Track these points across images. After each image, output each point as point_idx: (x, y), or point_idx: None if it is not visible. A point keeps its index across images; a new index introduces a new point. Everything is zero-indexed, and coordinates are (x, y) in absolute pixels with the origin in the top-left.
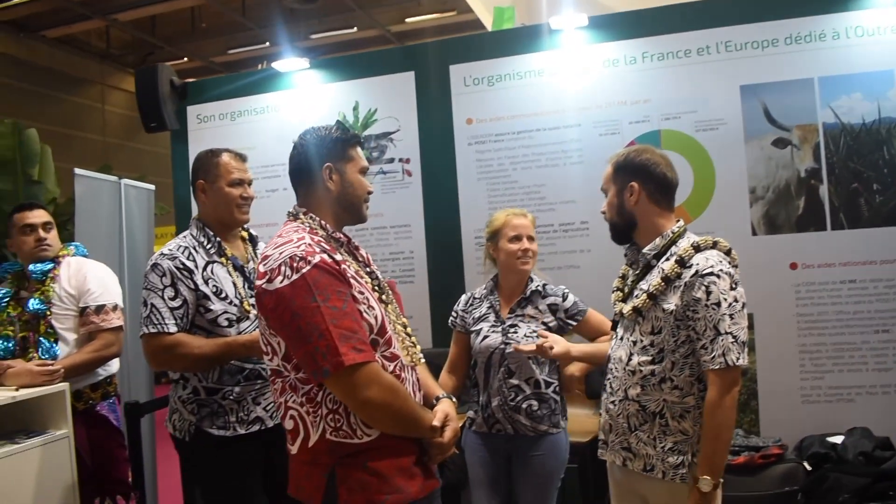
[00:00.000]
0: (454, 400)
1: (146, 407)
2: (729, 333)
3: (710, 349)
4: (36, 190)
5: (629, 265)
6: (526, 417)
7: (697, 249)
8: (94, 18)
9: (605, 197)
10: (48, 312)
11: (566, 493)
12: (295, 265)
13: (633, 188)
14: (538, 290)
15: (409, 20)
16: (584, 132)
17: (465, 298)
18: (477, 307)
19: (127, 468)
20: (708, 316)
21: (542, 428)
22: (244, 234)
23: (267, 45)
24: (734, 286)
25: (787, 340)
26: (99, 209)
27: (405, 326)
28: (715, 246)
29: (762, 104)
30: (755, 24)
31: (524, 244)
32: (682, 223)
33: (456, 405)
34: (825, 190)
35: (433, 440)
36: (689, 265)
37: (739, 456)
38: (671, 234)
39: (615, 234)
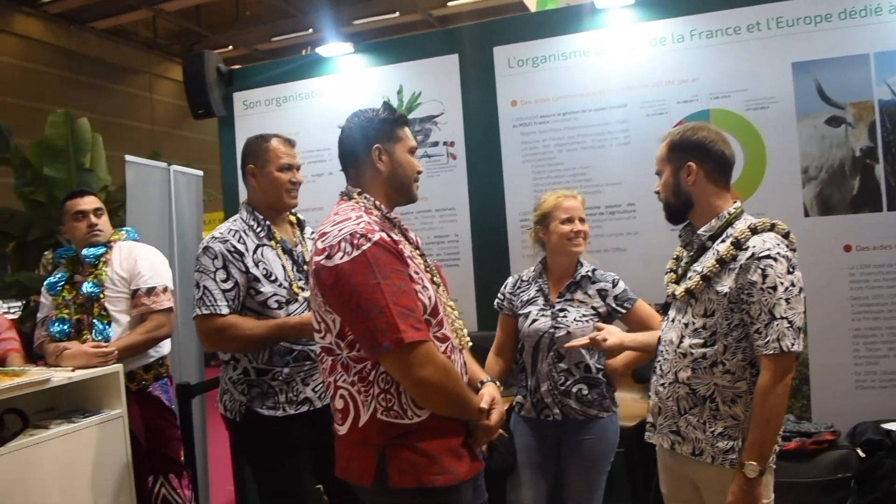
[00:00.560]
0: (498, 384)
1: (197, 388)
2: (784, 318)
3: (764, 334)
4: (88, 177)
5: (683, 246)
6: (576, 402)
7: (754, 231)
8: (140, 9)
9: (657, 178)
10: (101, 295)
11: (613, 477)
12: (355, 242)
13: (690, 168)
14: (588, 274)
15: (450, 3)
16: (630, 113)
17: (512, 281)
18: (525, 290)
19: (179, 447)
20: (763, 300)
21: (591, 412)
22: (292, 218)
23: (310, 31)
24: (791, 270)
25: (840, 324)
26: (149, 195)
27: (453, 309)
28: (772, 228)
29: (815, 81)
30: None
31: (576, 226)
32: (738, 204)
33: (500, 389)
34: (881, 169)
35: (480, 422)
36: (745, 247)
37: (791, 442)
38: (727, 215)
39: (670, 214)
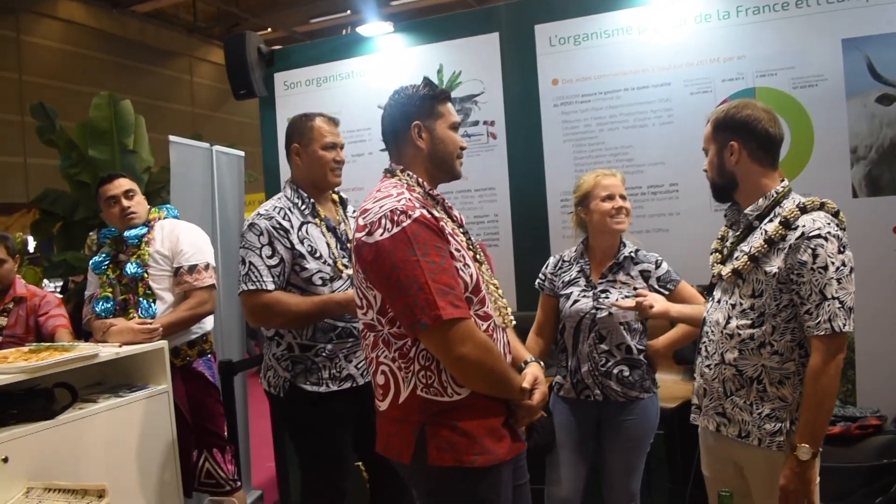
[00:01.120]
0: (542, 364)
1: (239, 365)
2: (836, 298)
3: (814, 314)
4: (131, 159)
5: (729, 226)
6: (617, 383)
7: (804, 210)
8: None
9: (705, 156)
10: (145, 275)
11: (652, 459)
12: (396, 218)
13: (733, 147)
14: (630, 255)
15: None
16: (673, 91)
17: (553, 261)
18: (567, 270)
19: (223, 422)
20: (814, 280)
21: (632, 394)
22: (335, 196)
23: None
24: (842, 249)
25: (887, 308)
26: (192, 175)
27: (497, 288)
28: (822, 207)
29: (866, 58)
30: None
31: (617, 202)
32: (786, 183)
33: (544, 370)
34: None
35: (521, 402)
36: (794, 227)
37: (835, 426)
38: (775, 194)
39: (715, 193)
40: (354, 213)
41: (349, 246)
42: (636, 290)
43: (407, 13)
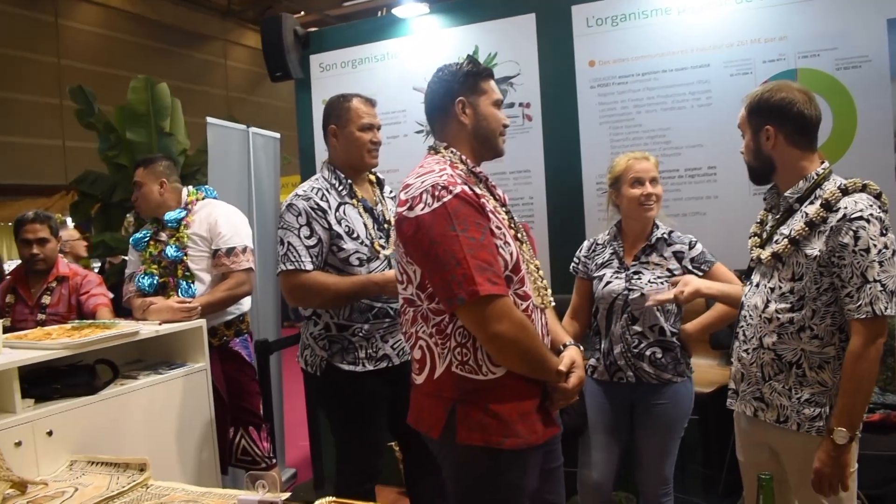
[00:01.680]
0: (581, 348)
1: (275, 345)
2: (878, 281)
3: (856, 298)
4: (168, 142)
5: (768, 209)
6: (649, 365)
7: (845, 192)
8: None
9: (742, 138)
10: (185, 257)
11: (687, 444)
12: (437, 193)
13: (768, 132)
14: (663, 237)
15: None
16: (713, 72)
17: (587, 244)
18: (600, 253)
19: (258, 401)
20: (855, 263)
21: (665, 376)
22: (372, 177)
23: None
24: (885, 231)
25: None
26: (229, 157)
27: (538, 269)
28: (864, 189)
29: None
30: None
31: (647, 188)
32: (826, 165)
33: (583, 353)
34: None
35: (557, 385)
36: (835, 209)
37: (875, 413)
38: (815, 176)
39: (753, 176)
40: (391, 193)
41: (386, 227)
42: (672, 274)
43: None
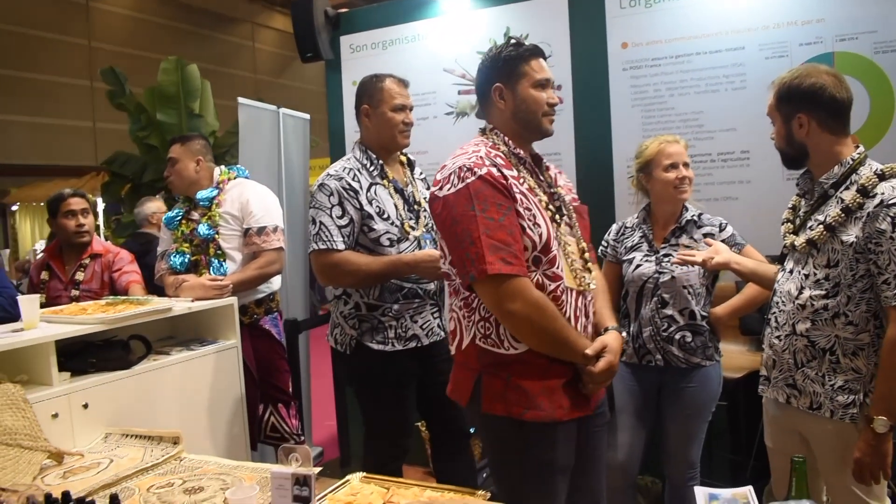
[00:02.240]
0: (624, 334)
1: (304, 324)
2: None
3: (893, 285)
4: (197, 123)
5: (801, 195)
6: (678, 349)
7: (882, 178)
8: None
9: (772, 125)
10: (217, 235)
11: (714, 430)
12: (462, 175)
13: (801, 119)
14: (693, 219)
15: None
16: (748, 55)
17: (616, 228)
18: (629, 236)
19: (287, 379)
20: (893, 249)
21: (694, 360)
22: (403, 158)
23: None
24: None
25: None
26: (259, 137)
27: (583, 252)
28: None
29: None
30: None
31: (681, 172)
32: (861, 149)
33: (623, 339)
34: None
35: (585, 368)
36: (872, 194)
37: None
38: (850, 161)
39: (786, 161)
40: (422, 175)
41: (416, 208)
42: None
43: None
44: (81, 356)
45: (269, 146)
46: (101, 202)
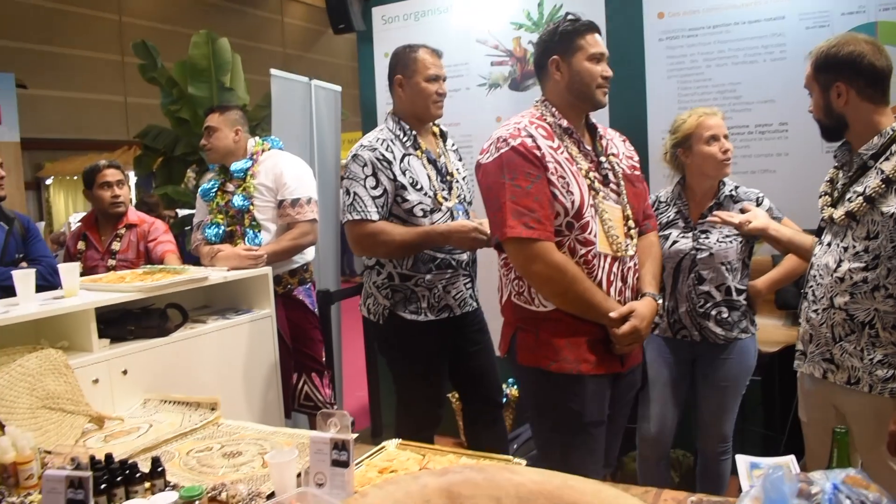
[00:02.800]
0: (658, 301)
1: (336, 295)
2: None
3: None
4: (228, 96)
5: (839, 167)
6: (715, 324)
7: None
8: None
9: (810, 96)
10: (251, 206)
11: (748, 404)
12: (498, 145)
13: (839, 88)
14: (731, 194)
15: None
16: (787, 25)
17: (650, 201)
18: (664, 212)
19: (321, 348)
20: None
21: (731, 335)
22: (435, 129)
23: None
24: None
25: None
26: (292, 109)
27: (626, 219)
28: None
29: None
30: None
31: (724, 144)
32: None
33: (657, 307)
34: None
35: (610, 329)
36: None
37: None
38: (891, 131)
39: (825, 133)
40: (454, 146)
41: (448, 179)
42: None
43: None
44: (120, 323)
45: (301, 117)
46: (132, 176)
